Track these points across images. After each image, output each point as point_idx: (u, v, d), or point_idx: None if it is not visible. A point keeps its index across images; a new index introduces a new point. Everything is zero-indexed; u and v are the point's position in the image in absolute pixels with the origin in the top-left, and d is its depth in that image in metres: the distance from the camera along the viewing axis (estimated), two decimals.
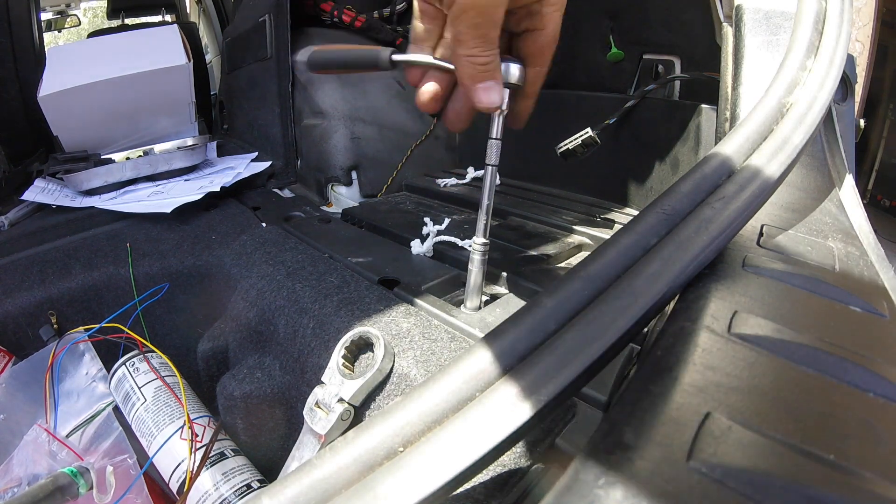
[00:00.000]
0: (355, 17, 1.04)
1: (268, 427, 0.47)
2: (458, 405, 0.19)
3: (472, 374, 0.20)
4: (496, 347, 0.20)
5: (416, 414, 0.19)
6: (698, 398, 0.16)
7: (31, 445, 0.45)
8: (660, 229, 0.24)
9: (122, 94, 0.93)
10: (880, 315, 0.21)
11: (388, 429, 0.19)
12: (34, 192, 0.83)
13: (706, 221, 0.25)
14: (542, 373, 0.19)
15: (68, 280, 0.61)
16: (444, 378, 0.20)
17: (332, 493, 0.18)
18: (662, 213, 0.25)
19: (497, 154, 0.38)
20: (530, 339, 0.20)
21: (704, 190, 0.27)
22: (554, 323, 0.21)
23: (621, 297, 0.21)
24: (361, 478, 0.18)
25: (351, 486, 0.18)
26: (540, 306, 0.21)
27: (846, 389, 0.17)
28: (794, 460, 0.14)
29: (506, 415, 0.18)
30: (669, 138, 0.61)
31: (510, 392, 0.19)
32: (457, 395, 0.19)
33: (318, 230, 0.64)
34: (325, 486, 0.18)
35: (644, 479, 0.14)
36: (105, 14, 2.92)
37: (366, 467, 0.18)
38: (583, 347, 0.19)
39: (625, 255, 0.23)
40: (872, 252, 0.31)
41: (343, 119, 0.91)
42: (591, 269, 0.22)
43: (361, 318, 0.42)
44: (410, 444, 0.18)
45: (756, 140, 0.30)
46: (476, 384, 0.19)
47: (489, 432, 0.18)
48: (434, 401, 0.19)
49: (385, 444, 0.18)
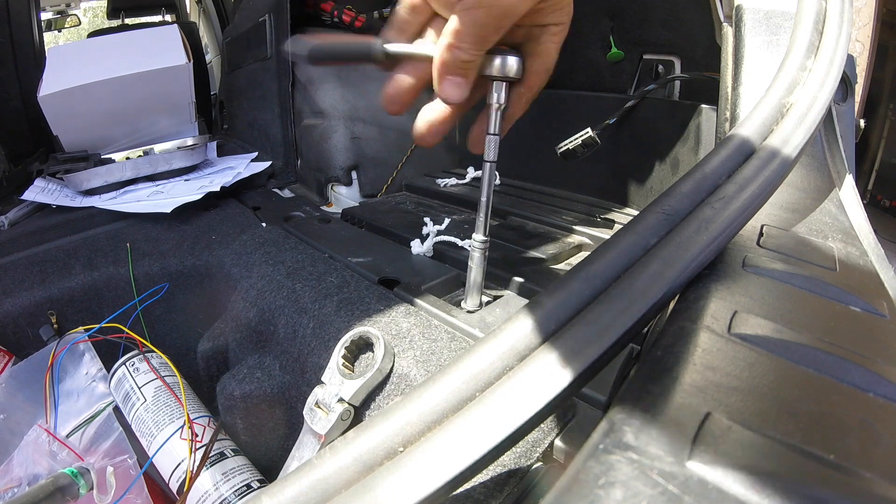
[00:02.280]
0: (355, 17, 1.04)
1: (268, 427, 0.47)
2: (459, 405, 0.19)
3: (472, 373, 0.20)
4: (496, 347, 0.20)
5: (416, 414, 0.19)
6: (698, 398, 0.16)
7: (32, 446, 0.45)
8: (660, 229, 0.24)
9: (122, 93, 0.93)
10: (880, 315, 0.21)
11: (388, 429, 0.19)
12: (34, 192, 0.83)
13: (706, 221, 0.25)
14: (542, 373, 0.19)
15: (68, 280, 0.61)
16: (444, 378, 0.20)
17: (332, 493, 0.18)
18: (662, 213, 0.25)
19: (495, 150, 0.37)
20: (530, 339, 0.20)
21: (704, 190, 0.27)
22: (554, 323, 0.21)
23: (621, 298, 0.21)
24: (361, 478, 0.18)
25: (351, 485, 0.18)
26: (540, 306, 0.21)
27: (846, 389, 0.17)
28: (794, 460, 0.14)
29: (506, 415, 0.18)
30: (669, 138, 0.61)
31: (510, 392, 0.19)
32: (457, 395, 0.19)
33: (318, 230, 0.64)
34: (324, 486, 0.18)
35: (644, 479, 0.14)
36: (105, 14, 2.92)
37: (366, 467, 0.18)
38: (583, 348, 0.19)
39: (625, 255, 0.23)
40: (872, 252, 0.31)
41: (343, 119, 0.91)
42: (591, 269, 0.22)
43: (361, 318, 0.42)
44: (410, 444, 0.18)
45: (756, 140, 0.30)
46: (476, 384, 0.19)
47: (490, 432, 0.18)
48: (434, 401, 0.19)
49: (385, 444, 0.18)
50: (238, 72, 1.15)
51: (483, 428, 0.18)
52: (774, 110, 0.31)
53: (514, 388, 0.19)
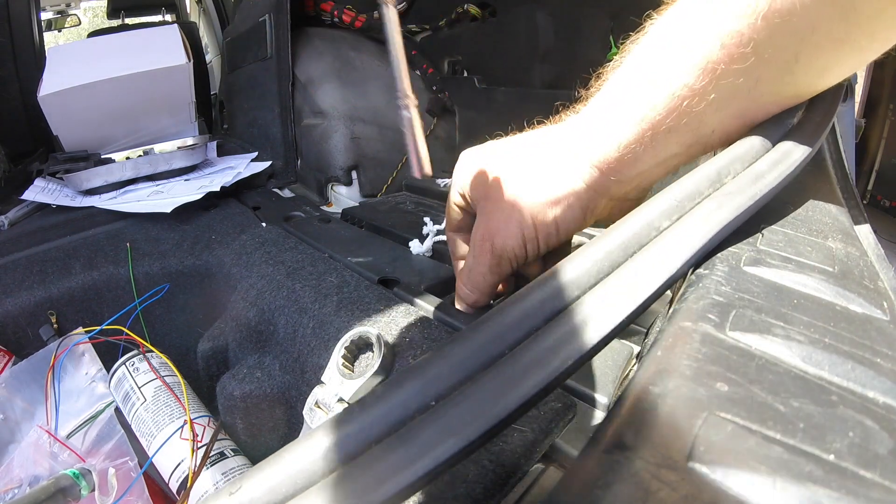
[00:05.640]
0: (355, 17, 1.04)
1: (268, 427, 0.47)
2: (489, 361, 0.20)
3: (498, 332, 0.21)
4: (522, 307, 0.21)
5: (447, 368, 0.20)
6: (698, 398, 0.16)
7: (32, 447, 0.45)
8: (671, 213, 0.25)
9: (123, 93, 0.93)
10: (880, 315, 0.21)
11: (419, 384, 0.19)
12: (34, 192, 0.83)
13: (706, 220, 0.25)
14: (567, 331, 0.20)
15: (68, 280, 0.61)
16: (474, 335, 0.21)
17: (364, 448, 0.18)
18: (674, 199, 0.26)
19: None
20: (555, 301, 0.22)
21: (705, 189, 0.27)
22: (577, 290, 0.22)
23: (626, 282, 0.22)
24: (394, 431, 0.18)
25: (383, 439, 0.18)
26: (563, 271, 0.23)
27: (846, 389, 0.17)
28: (793, 460, 0.14)
29: (535, 369, 0.19)
30: None
31: (538, 350, 0.20)
32: (487, 352, 0.20)
33: (318, 230, 0.64)
34: (355, 440, 0.18)
35: (644, 479, 0.14)
36: (105, 14, 2.92)
37: (398, 421, 0.18)
38: (605, 309, 0.21)
39: (635, 237, 0.24)
40: (872, 252, 0.31)
41: (343, 119, 0.91)
42: (608, 241, 0.24)
43: (361, 318, 0.42)
44: (443, 399, 0.19)
45: (766, 140, 0.30)
46: (504, 342, 0.20)
47: (521, 385, 0.19)
48: (463, 355, 0.20)
49: (417, 399, 0.19)
50: (238, 72, 1.15)
51: (513, 381, 0.19)
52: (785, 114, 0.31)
53: (542, 346, 0.20)
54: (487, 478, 0.26)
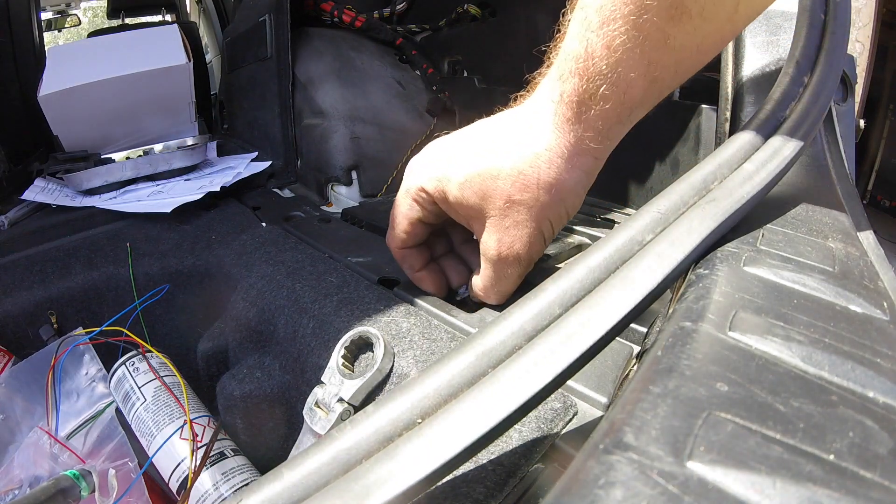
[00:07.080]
0: (355, 17, 1.04)
1: (268, 427, 0.47)
2: (472, 380, 0.21)
3: (483, 351, 0.21)
4: (506, 328, 0.22)
5: (433, 388, 0.21)
6: (698, 398, 0.16)
7: (33, 447, 0.45)
8: (654, 227, 0.26)
9: (123, 93, 0.93)
10: (880, 315, 0.21)
11: (406, 402, 0.20)
12: (34, 192, 0.83)
13: (705, 219, 0.25)
14: (548, 351, 0.21)
15: (68, 280, 0.61)
16: (458, 356, 0.22)
17: (354, 463, 0.19)
18: (658, 213, 0.26)
19: None
20: (537, 321, 0.22)
21: (705, 189, 0.27)
22: (559, 307, 0.23)
23: (621, 286, 0.23)
24: (382, 448, 0.19)
25: (371, 455, 0.19)
26: (544, 293, 0.23)
27: (846, 389, 0.17)
28: (794, 460, 0.14)
29: (517, 388, 0.20)
30: (669, 138, 0.61)
31: (519, 368, 0.20)
32: (471, 370, 0.21)
33: (318, 230, 0.64)
34: (346, 456, 0.19)
35: (644, 479, 0.14)
36: (105, 14, 2.92)
37: (386, 438, 0.20)
38: (585, 328, 0.21)
39: (621, 250, 0.25)
40: (872, 252, 0.31)
41: (343, 119, 0.91)
42: (592, 259, 0.24)
43: (361, 318, 0.42)
44: (428, 416, 0.20)
45: (756, 140, 0.30)
46: (488, 361, 0.21)
47: (503, 402, 0.19)
48: (449, 376, 0.21)
49: (404, 417, 0.20)
50: (238, 72, 1.15)
51: (497, 399, 0.20)
52: (776, 111, 0.31)
53: (524, 365, 0.21)
54: (487, 478, 0.26)
